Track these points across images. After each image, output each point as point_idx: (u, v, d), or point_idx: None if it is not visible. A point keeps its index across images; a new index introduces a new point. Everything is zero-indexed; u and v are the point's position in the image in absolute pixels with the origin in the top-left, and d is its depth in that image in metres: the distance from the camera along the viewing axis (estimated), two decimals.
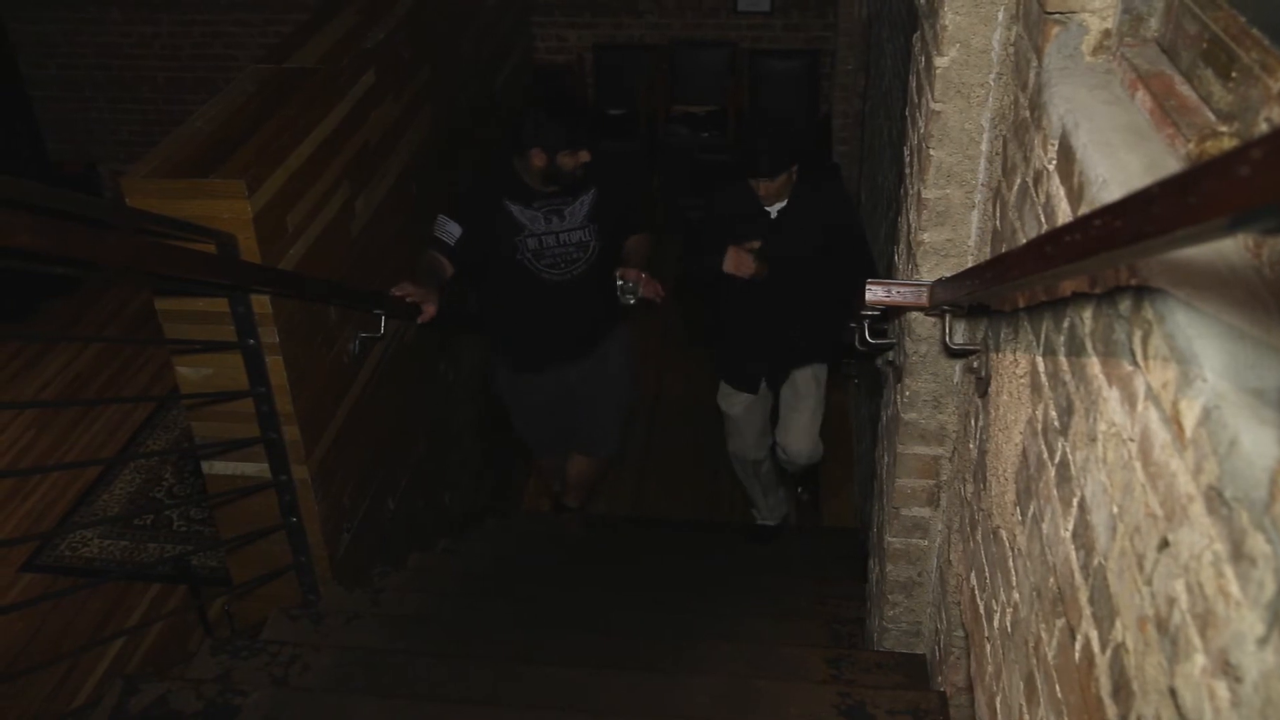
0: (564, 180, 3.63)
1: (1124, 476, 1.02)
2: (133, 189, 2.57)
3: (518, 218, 3.69)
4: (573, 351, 4.02)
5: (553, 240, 3.73)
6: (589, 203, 3.77)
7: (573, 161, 3.58)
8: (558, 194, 3.70)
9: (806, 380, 4.15)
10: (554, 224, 3.73)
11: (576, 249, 3.78)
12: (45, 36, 7.18)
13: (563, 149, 3.55)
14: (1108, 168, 1.16)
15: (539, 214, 3.70)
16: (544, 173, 3.59)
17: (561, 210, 3.73)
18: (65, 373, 5.89)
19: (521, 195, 3.69)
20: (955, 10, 1.83)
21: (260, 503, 2.97)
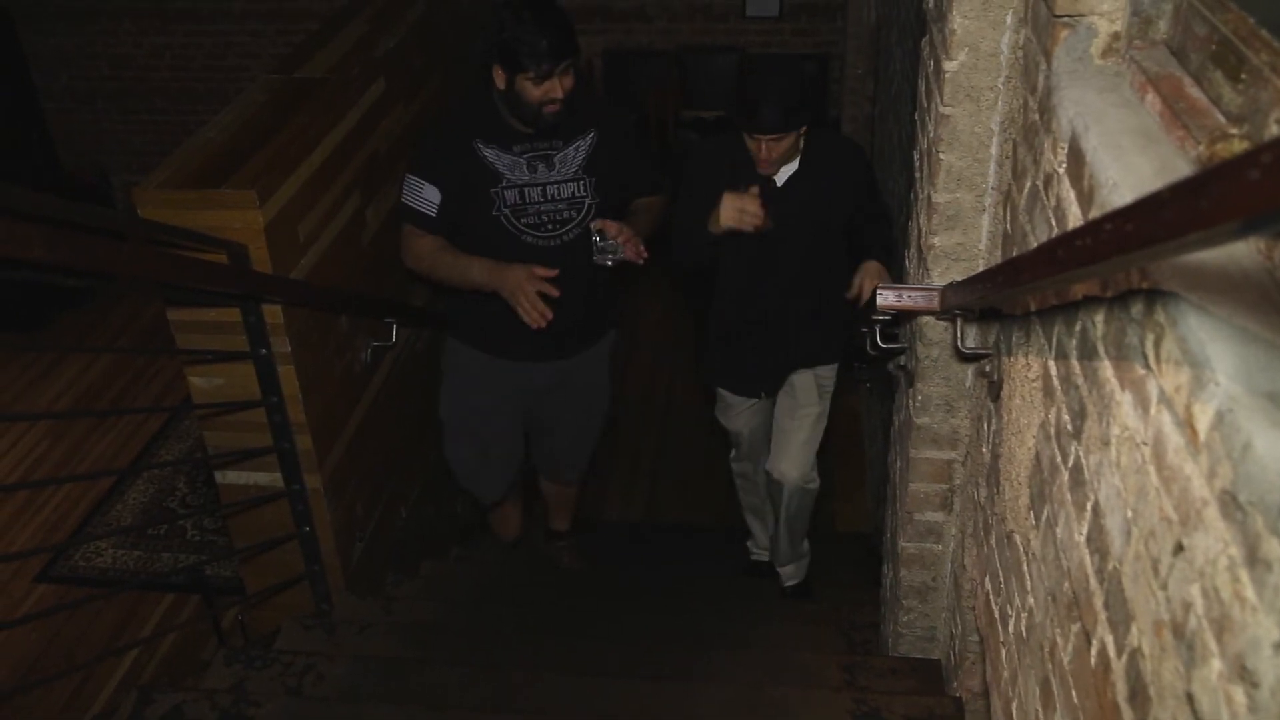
0: (527, 117, 2.87)
1: (1138, 480, 1.02)
2: (144, 200, 2.59)
3: (493, 163, 2.95)
4: (556, 344, 3.24)
5: (537, 193, 3.00)
6: (586, 149, 3.04)
7: (539, 93, 2.79)
8: (545, 135, 2.98)
9: (808, 387, 3.40)
10: (540, 173, 3.00)
11: (568, 206, 3.04)
12: (58, 48, 7.23)
13: (524, 69, 2.74)
14: (1118, 170, 1.15)
15: (520, 160, 2.97)
16: (504, 100, 2.87)
17: (550, 157, 2.99)
18: (78, 384, 5.92)
19: (498, 135, 2.95)
20: (964, 14, 1.83)
21: (273, 512, 2.98)
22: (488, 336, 3.24)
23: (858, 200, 3.15)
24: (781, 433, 3.50)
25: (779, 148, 2.90)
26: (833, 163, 3.08)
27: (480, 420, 3.43)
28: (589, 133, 3.04)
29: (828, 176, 3.06)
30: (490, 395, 3.36)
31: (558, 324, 3.01)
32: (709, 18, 6.93)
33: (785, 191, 3.06)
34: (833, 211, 3.10)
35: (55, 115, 7.41)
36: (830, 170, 3.06)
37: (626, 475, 5.11)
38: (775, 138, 2.87)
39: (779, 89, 2.84)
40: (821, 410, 3.46)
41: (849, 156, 3.21)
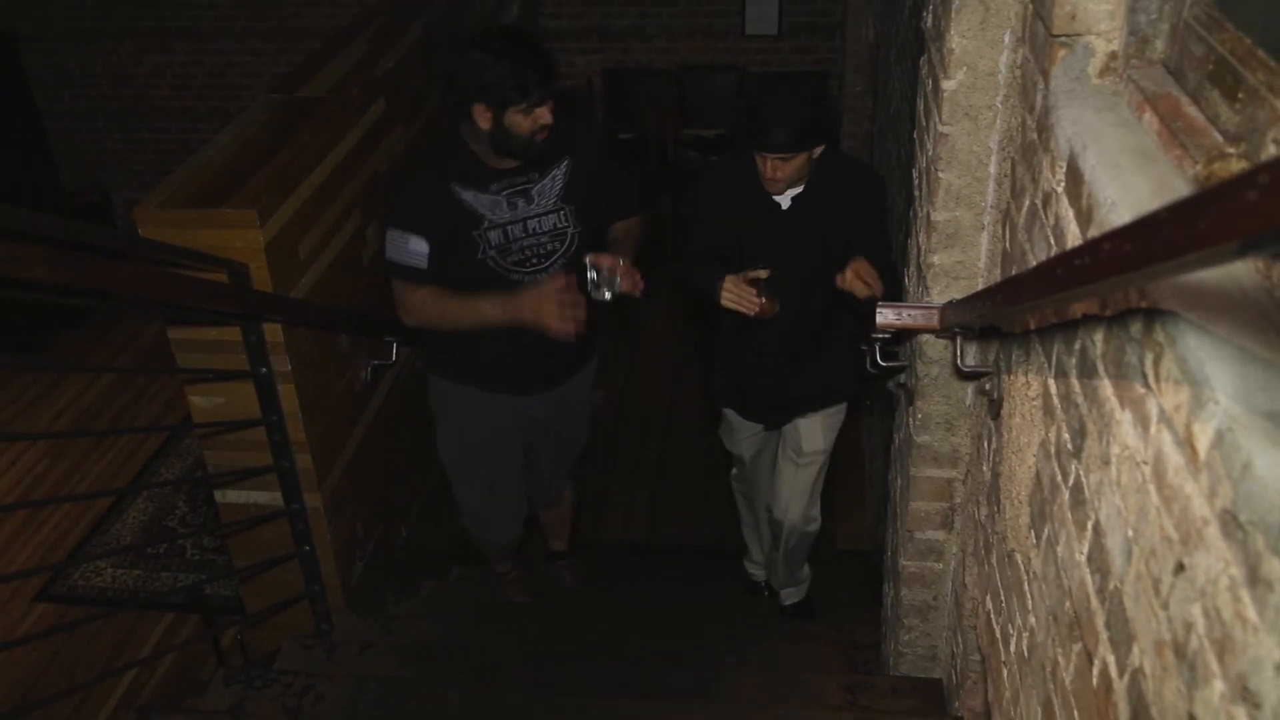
0: (519, 149, 2.79)
1: (1138, 500, 1.02)
2: (145, 219, 2.59)
3: (473, 205, 2.86)
4: (543, 378, 3.19)
5: (520, 230, 2.91)
6: (561, 178, 2.95)
7: (529, 123, 2.73)
8: (520, 170, 2.88)
9: (813, 432, 3.29)
10: (520, 209, 2.91)
11: (550, 238, 2.96)
12: (60, 67, 7.25)
13: (515, 102, 2.69)
14: (1116, 190, 1.16)
15: (500, 199, 2.88)
16: (492, 139, 2.76)
17: (527, 191, 2.91)
18: (79, 402, 5.92)
19: (474, 176, 2.86)
20: (962, 34, 1.84)
21: (273, 531, 2.97)
22: (485, 372, 3.12)
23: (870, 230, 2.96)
24: (784, 475, 3.40)
25: (787, 167, 2.79)
26: (844, 187, 2.93)
27: (485, 459, 3.30)
28: (563, 160, 2.95)
29: (836, 201, 2.91)
30: (493, 432, 3.24)
31: (554, 353, 3.01)
32: (708, 36, 6.95)
33: (790, 214, 2.95)
34: (840, 238, 2.90)
35: (56, 134, 7.43)
36: (840, 194, 2.91)
37: (627, 493, 5.10)
38: (784, 157, 2.77)
39: (790, 107, 2.74)
40: (827, 453, 3.36)
41: (863, 183, 3.03)
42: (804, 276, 2.96)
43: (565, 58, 7.00)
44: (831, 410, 3.28)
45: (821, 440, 3.30)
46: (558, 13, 6.88)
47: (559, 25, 6.88)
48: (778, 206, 2.94)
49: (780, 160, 2.77)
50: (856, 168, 3.09)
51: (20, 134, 6.97)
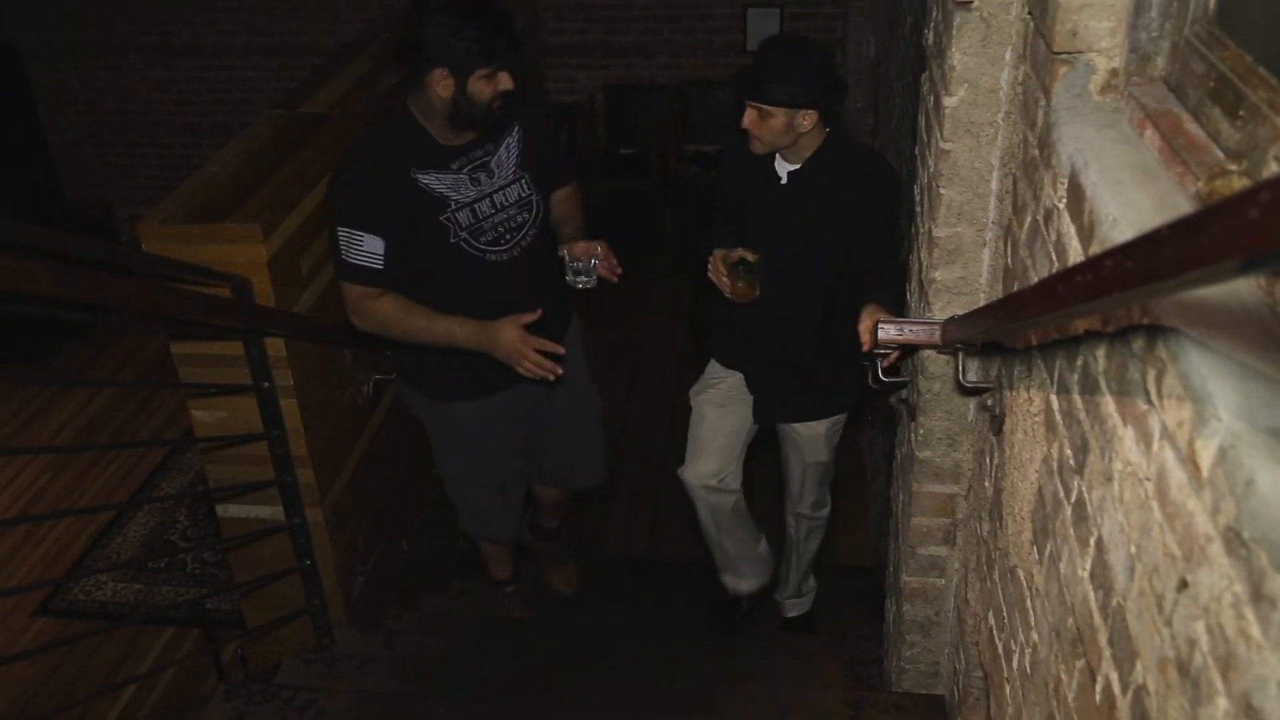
0: (479, 118, 2.62)
1: (1141, 516, 1.02)
2: (149, 234, 2.60)
3: (436, 188, 2.68)
4: None
5: (488, 206, 2.76)
6: (515, 146, 2.82)
7: (491, 89, 2.58)
8: (476, 144, 2.73)
9: (816, 441, 3.16)
10: (484, 184, 2.76)
11: (518, 209, 2.82)
12: (64, 83, 7.28)
13: (479, 67, 2.53)
14: (1118, 206, 1.16)
15: (462, 176, 2.72)
16: (452, 108, 2.59)
17: (487, 164, 2.76)
18: (81, 416, 5.92)
19: (432, 156, 2.69)
20: (963, 51, 1.85)
21: (274, 545, 2.97)
22: (465, 382, 2.96)
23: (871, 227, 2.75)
24: (792, 471, 3.32)
25: (765, 126, 2.66)
26: (850, 176, 2.75)
27: (492, 466, 3.19)
28: (513, 127, 2.81)
29: (839, 188, 2.74)
30: (493, 438, 3.11)
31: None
32: (710, 52, 6.98)
33: (786, 191, 2.82)
34: (840, 230, 2.77)
35: (61, 149, 7.46)
36: (844, 182, 2.75)
37: (627, 510, 5.09)
38: (761, 109, 2.63)
39: (782, 59, 2.62)
40: (831, 454, 3.25)
41: (872, 175, 2.80)
42: (799, 265, 2.85)
43: (567, 74, 7.04)
44: (833, 423, 3.15)
45: (825, 452, 3.21)
46: (559, 29, 6.91)
47: (561, 41, 6.91)
48: (776, 180, 2.83)
49: (756, 111, 2.65)
50: (867, 157, 2.91)
51: (24, 148, 7.00)
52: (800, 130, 2.67)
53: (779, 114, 2.63)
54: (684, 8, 6.89)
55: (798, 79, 2.59)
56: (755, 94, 2.62)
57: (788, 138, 2.68)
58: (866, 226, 2.73)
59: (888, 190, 2.80)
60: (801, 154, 2.77)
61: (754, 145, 2.74)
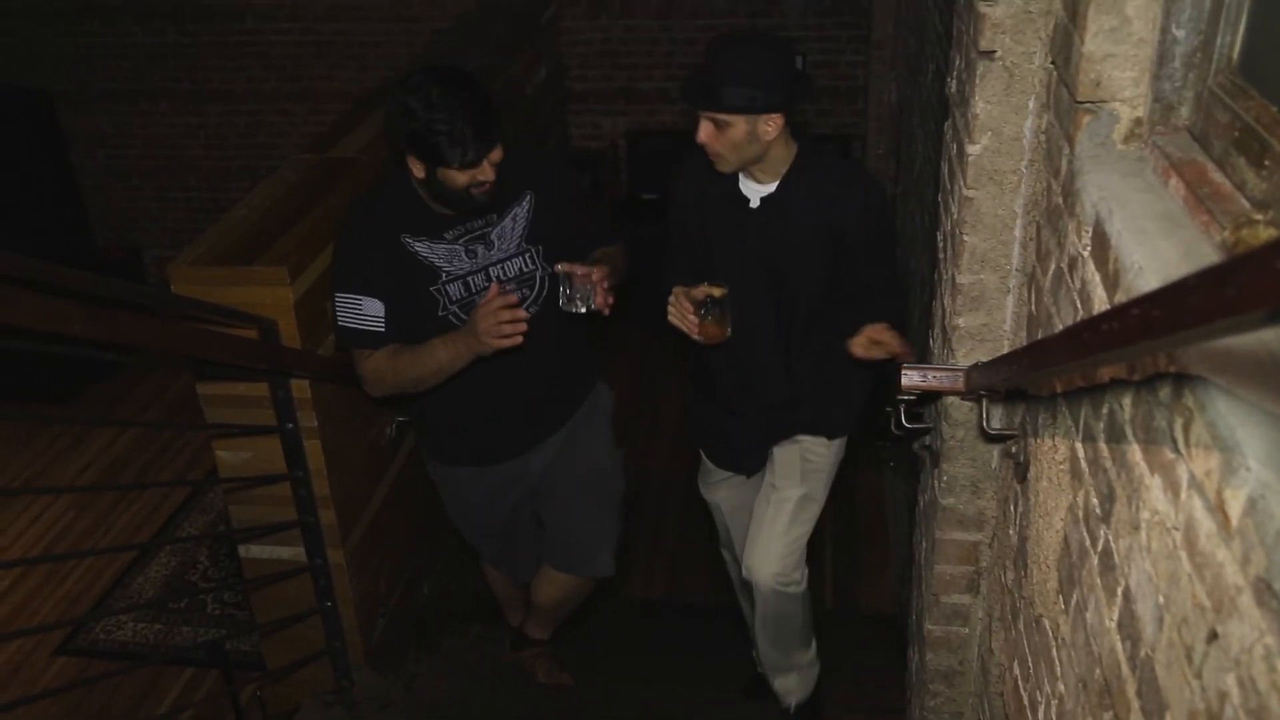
0: (457, 204, 2.52)
1: (1169, 566, 1.01)
2: (179, 276, 2.63)
3: (428, 258, 2.59)
4: (535, 431, 2.92)
5: (483, 279, 2.64)
6: (525, 216, 2.66)
7: (466, 178, 2.43)
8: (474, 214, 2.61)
9: (789, 464, 2.79)
10: (480, 256, 2.63)
11: (518, 285, 2.68)
12: (96, 128, 7.40)
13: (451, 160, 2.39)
14: (1143, 255, 1.16)
15: (457, 247, 2.60)
16: (429, 191, 2.52)
17: (486, 235, 2.62)
18: (105, 455, 5.95)
19: (425, 224, 2.58)
20: (986, 99, 1.86)
21: (295, 587, 2.97)
22: (471, 447, 2.89)
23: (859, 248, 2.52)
24: (755, 519, 2.87)
25: (723, 137, 2.38)
26: (827, 192, 2.50)
27: (494, 527, 3.13)
28: (524, 196, 2.65)
29: (819, 207, 2.50)
30: (494, 503, 3.03)
31: (533, 409, 2.83)
32: None
33: (758, 216, 2.54)
34: (821, 256, 2.53)
35: (91, 192, 7.55)
36: (824, 200, 2.50)
37: (648, 555, 5.07)
38: (718, 119, 2.36)
39: (734, 61, 2.33)
40: (806, 494, 2.81)
41: (853, 188, 2.54)
42: (774, 297, 2.59)
43: (591, 119, 7.10)
44: (810, 443, 2.78)
45: (798, 473, 2.78)
46: (583, 75, 6.98)
47: (585, 88, 6.98)
48: (745, 204, 2.55)
49: (712, 122, 2.37)
50: (848, 169, 2.64)
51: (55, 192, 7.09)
52: (765, 139, 2.40)
53: (738, 123, 2.36)
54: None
55: (755, 80, 2.31)
56: (708, 102, 2.35)
57: (752, 149, 2.42)
58: (857, 242, 2.52)
59: (873, 202, 2.57)
60: (773, 172, 2.51)
61: (718, 164, 2.47)
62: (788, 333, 2.65)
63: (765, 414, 2.74)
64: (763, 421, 2.77)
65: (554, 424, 2.95)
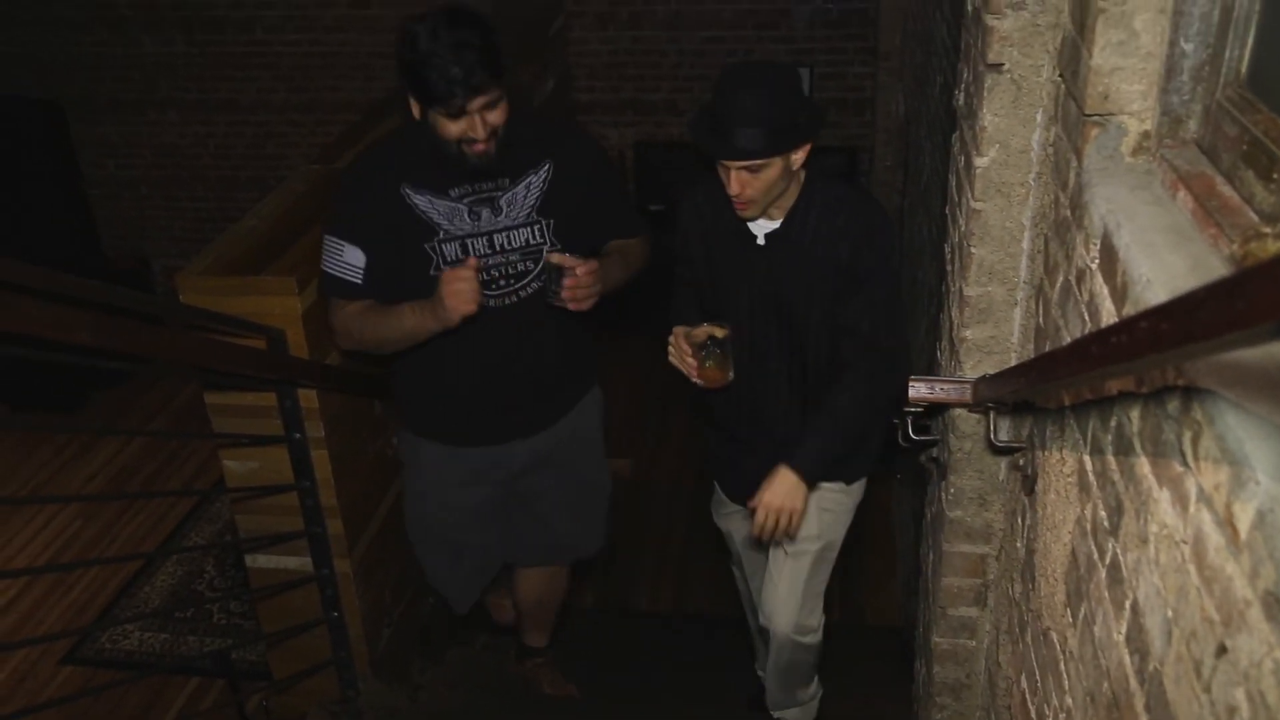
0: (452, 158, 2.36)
1: (1178, 579, 1.01)
2: (187, 285, 2.64)
3: (426, 212, 2.43)
4: (527, 419, 2.72)
5: (483, 245, 2.47)
6: (540, 186, 2.49)
7: (456, 129, 2.29)
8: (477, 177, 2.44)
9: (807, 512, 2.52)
10: (485, 220, 2.46)
11: (522, 257, 2.50)
12: (105, 138, 7.43)
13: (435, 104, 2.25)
14: (1151, 267, 1.16)
15: (459, 206, 2.44)
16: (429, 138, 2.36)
17: (495, 199, 2.46)
18: (112, 464, 5.96)
19: (430, 178, 2.43)
20: (994, 112, 1.86)
21: (302, 597, 2.97)
22: (447, 422, 2.70)
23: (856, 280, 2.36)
24: (773, 567, 2.74)
25: (757, 181, 2.24)
26: (839, 225, 2.37)
27: (449, 523, 2.87)
28: (543, 165, 2.49)
29: (828, 241, 2.37)
30: (459, 493, 2.79)
31: (526, 394, 2.63)
32: None
33: (765, 254, 2.42)
34: (828, 286, 2.40)
35: (99, 202, 7.59)
36: (832, 233, 2.37)
37: (655, 563, 5.07)
38: (752, 166, 2.22)
39: (759, 100, 2.17)
40: (825, 543, 2.70)
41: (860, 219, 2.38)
42: (784, 335, 2.47)
43: (599, 130, 7.11)
44: (825, 489, 2.65)
45: (815, 527, 2.64)
46: (591, 86, 7.00)
47: (592, 99, 7.00)
48: (752, 240, 2.42)
49: (747, 172, 2.23)
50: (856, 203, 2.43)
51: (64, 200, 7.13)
52: (794, 169, 2.30)
53: (774, 163, 2.23)
54: (712, 67, 6.96)
55: (786, 112, 2.20)
56: (741, 151, 2.19)
57: (782, 183, 2.30)
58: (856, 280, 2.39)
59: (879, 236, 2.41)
60: (781, 206, 2.38)
61: (746, 212, 2.34)
62: (800, 371, 2.53)
63: (780, 449, 2.53)
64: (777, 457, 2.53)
65: (542, 419, 2.74)
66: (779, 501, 2.39)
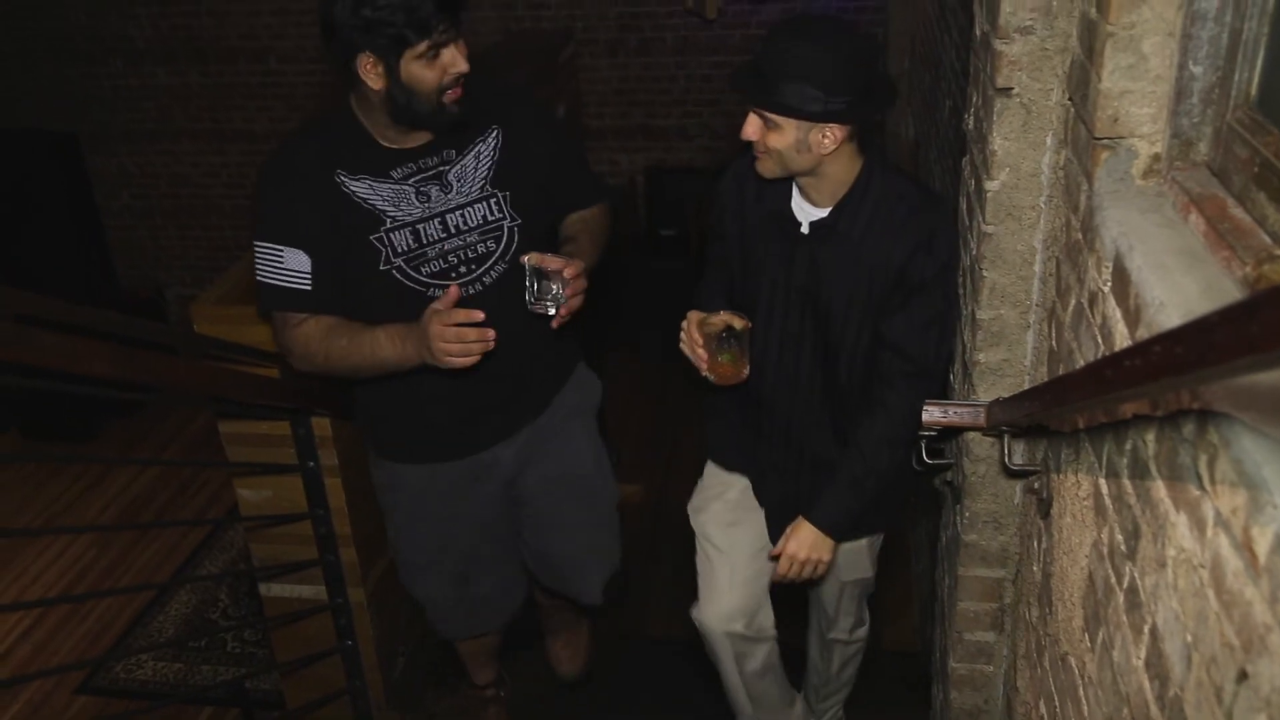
0: (427, 114, 2.07)
1: (1197, 604, 1.00)
2: (201, 315, 2.66)
3: (368, 199, 2.14)
4: (501, 419, 2.45)
5: (437, 228, 2.19)
6: (490, 155, 2.22)
7: (435, 72, 2.01)
8: (430, 148, 2.16)
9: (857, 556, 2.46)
10: (435, 200, 2.17)
11: (481, 236, 2.23)
12: (120, 168, 7.49)
13: (410, 42, 1.95)
14: (1164, 290, 1.16)
15: (405, 188, 2.15)
16: (391, 104, 2.04)
17: (442, 174, 2.18)
18: (125, 494, 5.98)
19: (367, 159, 2.14)
20: (1004, 135, 1.86)
21: (316, 625, 2.97)
22: (420, 438, 2.44)
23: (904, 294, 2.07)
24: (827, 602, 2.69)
25: (774, 139, 1.96)
26: (897, 222, 2.06)
27: (444, 549, 2.60)
28: (491, 131, 2.21)
29: (881, 240, 2.06)
30: (446, 514, 2.53)
31: (497, 393, 2.35)
32: None
33: (809, 243, 2.12)
34: (875, 292, 2.10)
35: (114, 231, 7.65)
36: (888, 231, 2.06)
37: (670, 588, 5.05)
38: (768, 117, 1.94)
39: (797, 51, 1.88)
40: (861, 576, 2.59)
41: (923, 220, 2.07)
42: (819, 341, 2.18)
43: (609, 156, 7.16)
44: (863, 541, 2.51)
45: (869, 566, 2.57)
46: (601, 112, 7.03)
47: (602, 125, 7.03)
48: (795, 227, 2.12)
49: (761, 118, 1.95)
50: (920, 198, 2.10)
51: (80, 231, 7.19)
52: (819, 152, 1.97)
53: (787, 127, 1.95)
54: (722, 93, 6.99)
55: (815, 78, 1.87)
56: (756, 93, 1.93)
57: (802, 160, 1.99)
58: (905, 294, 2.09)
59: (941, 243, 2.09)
60: (829, 193, 2.07)
61: (760, 164, 2.05)
62: (834, 385, 2.22)
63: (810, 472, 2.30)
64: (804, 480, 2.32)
65: (526, 412, 2.48)
66: (804, 554, 2.24)
